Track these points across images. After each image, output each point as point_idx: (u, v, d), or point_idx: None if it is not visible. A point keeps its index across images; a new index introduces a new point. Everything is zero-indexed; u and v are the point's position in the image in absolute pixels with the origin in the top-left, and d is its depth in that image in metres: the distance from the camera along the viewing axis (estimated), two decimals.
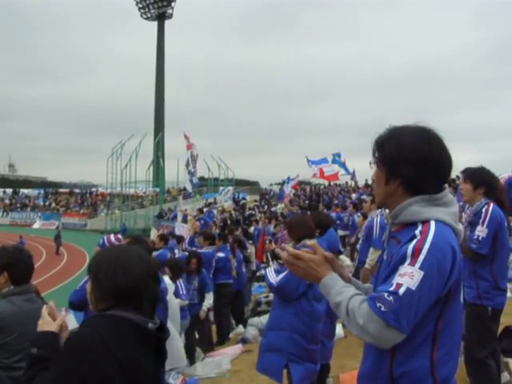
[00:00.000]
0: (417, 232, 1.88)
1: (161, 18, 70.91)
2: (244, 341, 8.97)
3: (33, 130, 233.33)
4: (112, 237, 5.61)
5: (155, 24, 71.82)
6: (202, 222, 20.73)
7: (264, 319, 9.00)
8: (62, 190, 68.66)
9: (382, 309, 1.76)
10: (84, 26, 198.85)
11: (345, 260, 9.08)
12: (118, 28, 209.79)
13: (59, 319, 2.27)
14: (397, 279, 1.80)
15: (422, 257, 1.80)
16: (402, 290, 1.77)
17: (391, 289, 1.79)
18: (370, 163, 2.13)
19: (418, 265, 1.79)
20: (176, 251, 11.83)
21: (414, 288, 1.76)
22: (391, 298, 1.77)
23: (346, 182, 38.30)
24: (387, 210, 2.12)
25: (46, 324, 2.22)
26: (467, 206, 4.72)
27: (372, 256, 7.03)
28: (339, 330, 7.27)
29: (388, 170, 2.02)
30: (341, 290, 1.93)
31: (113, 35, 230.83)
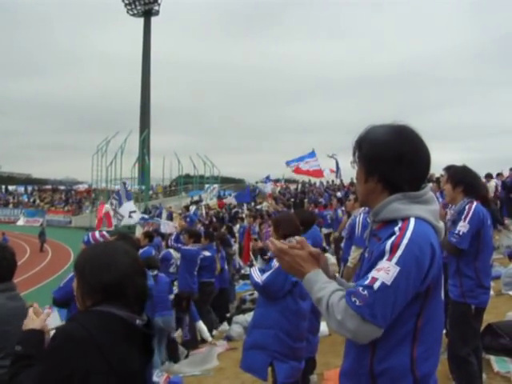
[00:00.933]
0: (396, 229, 1.90)
1: (147, 14, 70.52)
2: (228, 338, 8.98)
3: (17, 127, 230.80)
4: (97, 233, 5.57)
5: (141, 21, 71.49)
6: (188, 219, 20.76)
7: (249, 317, 9.00)
8: (46, 187, 68.13)
9: (357, 303, 1.78)
10: (70, 22, 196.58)
11: (330, 258, 9.09)
12: (104, 24, 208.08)
13: (43, 315, 2.27)
14: (372, 274, 1.83)
15: (399, 252, 1.82)
16: (376, 285, 1.79)
17: (366, 283, 1.81)
18: (351, 163, 2.16)
19: (394, 260, 1.81)
20: (162, 249, 11.82)
21: (389, 283, 1.78)
22: (366, 292, 1.79)
23: (332, 181, 38.39)
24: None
25: (30, 322, 2.22)
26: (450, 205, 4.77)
27: (354, 254, 7.05)
28: (323, 327, 7.29)
29: (366, 169, 2.06)
30: (323, 286, 1.93)
31: (99, 32, 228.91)
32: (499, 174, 18.21)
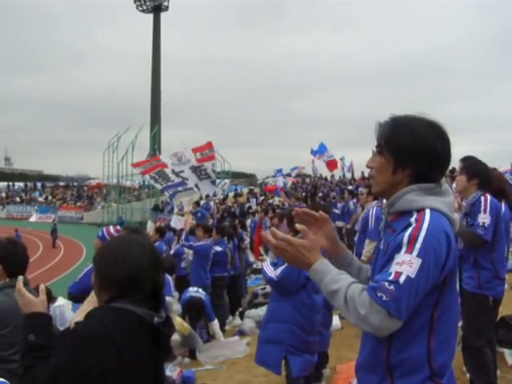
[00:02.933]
0: (412, 220, 1.87)
1: (156, 10, 70.64)
2: (241, 333, 8.98)
3: (29, 123, 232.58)
4: (111, 228, 5.60)
5: (151, 16, 71.56)
6: (199, 214, 20.75)
7: (261, 311, 9.01)
8: (58, 184, 68.48)
9: (384, 298, 1.75)
10: (79, 18, 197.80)
11: None
12: (114, 20, 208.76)
13: (41, 293, 2.23)
14: (395, 268, 1.79)
15: (418, 245, 1.79)
16: (402, 279, 1.76)
17: (391, 278, 1.78)
18: (376, 152, 2.08)
19: (415, 252, 1.78)
20: (173, 244, 11.81)
21: (413, 276, 1.76)
22: (392, 286, 1.76)
23: (344, 175, 38.30)
24: (385, 201, 2.11)
25: (31, 303, 2.18)
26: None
27: (368, 247, 7.04)
28: (336, 321, 7.28)
29: (398, 160, 1.99)
30: (336, 278, 1.90)
31: (108, 28, 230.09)
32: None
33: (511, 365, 5.13)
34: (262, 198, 31.92)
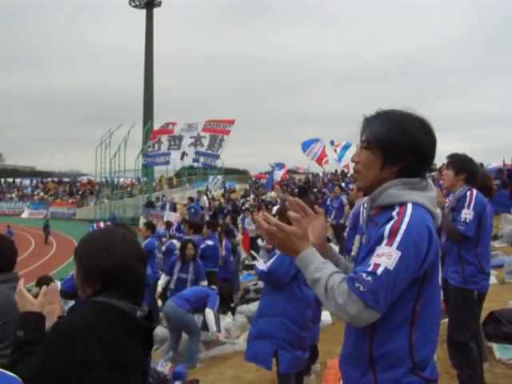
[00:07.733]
0: (394, 214, 1.89)
1: (149, 5, 70.36)
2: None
3: (21, 119, 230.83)
4: (102, 224, 5.62)
5: (143, 12, 71.29)
6: (192, 210, 20.78)
7: (253, 307, 9.02)
8: (50, 180, 68.21)
9: (361, 289, 1.77)
10: (70, 13, 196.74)
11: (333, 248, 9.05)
12: (106, 16, 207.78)
13: (41, 296, 2.24)
14: (374, 259, 1.81)
15: (398, 237, 1.81)
16: (380, 270, 1.78)
17: (369, 269, 1.80)
18: (359, 145, 2.08)
19: (395, 245, 1.80)
20: (163, 239, 11.81)
21: (391, 268, 1.77)
22: (370, 278, 1.78)
23: (336, 170, 38.33)
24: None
25: (28, 304, 2.20)
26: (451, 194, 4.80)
27: (358, 244, 7.05)
28: (327, 316, 7.30)
29: (387, 156, 1.99)
30: (320, 267, 1.91)
31: (101, 24, 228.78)
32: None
33: (499, 359, 5.17)
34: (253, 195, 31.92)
